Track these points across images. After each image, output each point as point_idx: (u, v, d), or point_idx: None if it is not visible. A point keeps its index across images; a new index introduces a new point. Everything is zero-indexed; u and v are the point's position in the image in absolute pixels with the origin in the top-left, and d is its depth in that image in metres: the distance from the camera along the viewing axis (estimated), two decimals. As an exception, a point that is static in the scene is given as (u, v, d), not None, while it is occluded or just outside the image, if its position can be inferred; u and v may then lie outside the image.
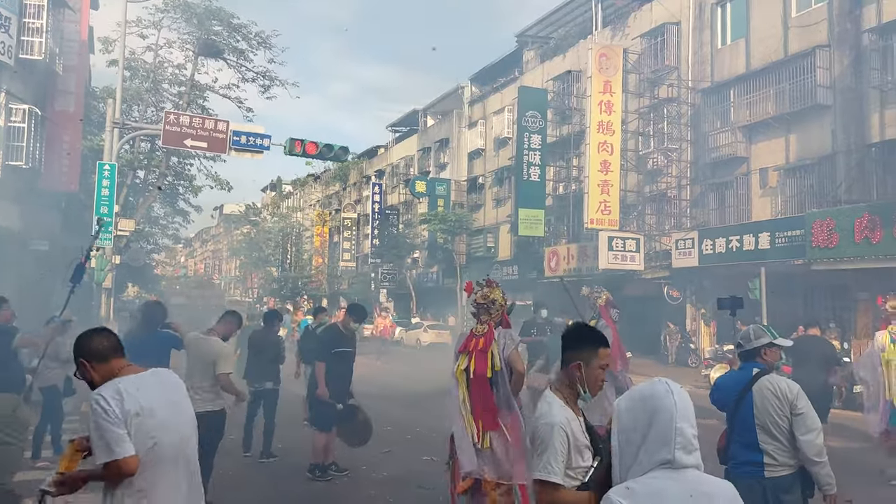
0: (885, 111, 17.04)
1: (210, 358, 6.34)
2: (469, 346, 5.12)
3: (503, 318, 5.26)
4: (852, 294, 17.18)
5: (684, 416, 2.00)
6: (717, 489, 1.99)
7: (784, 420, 3.83)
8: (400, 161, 44.59)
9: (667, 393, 2.02)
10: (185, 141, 18.00)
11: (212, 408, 6.17)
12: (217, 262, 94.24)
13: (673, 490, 1.90)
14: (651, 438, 1.98)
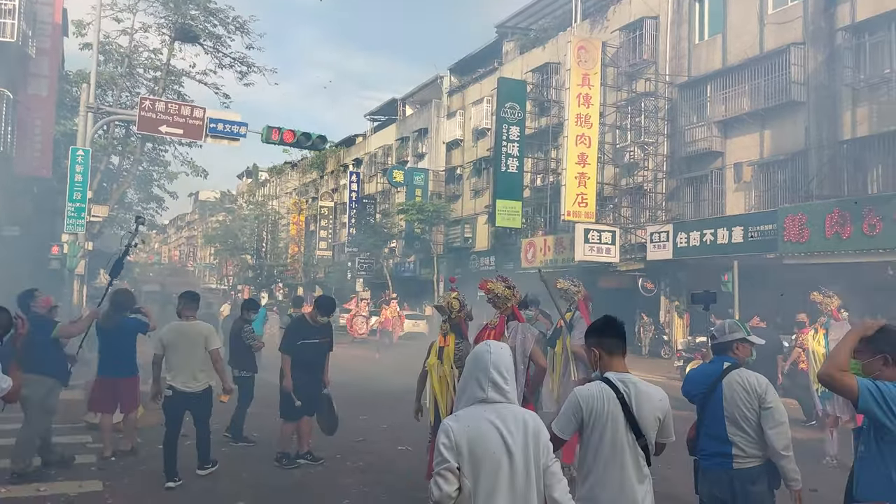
0: (856, 109, 17.34)
1: (201, 336, 7.00)
2: (483, 337, 5.23)
3: (514, 312, 5.39)
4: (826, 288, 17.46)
5: (496, 367, 2.79)
6: (522, 413, 2.80)
7: (752, 413, 3.91)
8: (378, 150, 44.42)
9: (486, 351, 2.84)
10: (160, 127, 17.77)
11: (206, 385, 7.02)
12: (192, 249, 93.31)
13: (485, 415, 2.72)
14: (473, 383, 2.81)
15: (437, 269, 32.93)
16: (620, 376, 3.34)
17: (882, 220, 14.87)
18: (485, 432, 2.68)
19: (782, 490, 4.07)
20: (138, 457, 7.93)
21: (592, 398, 3.26)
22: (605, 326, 3.49)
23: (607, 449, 3.25)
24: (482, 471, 2.66)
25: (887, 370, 2.95)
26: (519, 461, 2.70)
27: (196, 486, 6.92)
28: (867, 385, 2.81)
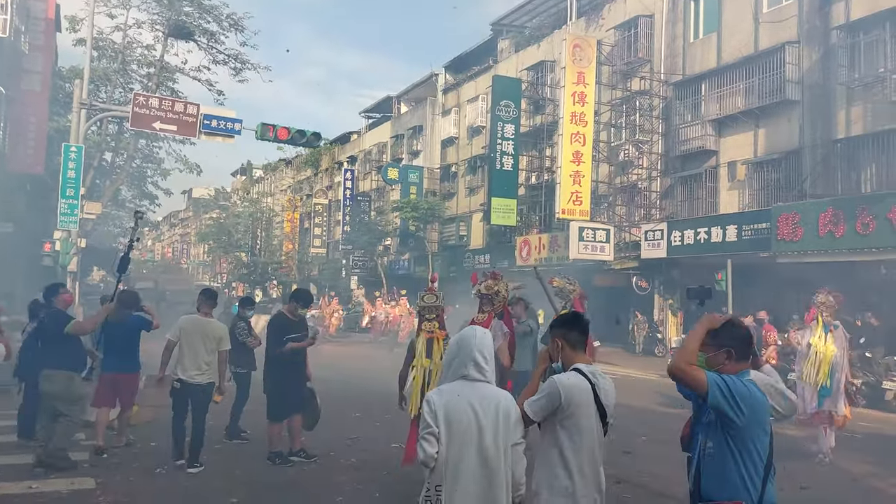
0: (850, 108, 17.38)
1: (216, 336, 7.53)
2: None
3: (504, 309, 5.53)
4: (815, 287, 17.52)
5: (479, 349, 3.23)
6: (497, 393, 3.28)
7: None
8: (373, 147, 44.35)
9: (472, 336, 3.28)
10: (153, 124, 17.71)
11: (210, 379, 7.47)
12: (185, 246, 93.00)
13: (466, 391, 3.18)
14: (457, 361, 3.25)
15: (432, 266, 32.90)
16: (590, 368, 3.49)
17: (875, 220, 14.91)
18: (461, 406, 3.15)
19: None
20: (130, 453, 7.91)
21: (572, 388, 3.37)
22: (574, 321, 3.65)
23: (585, 436, 3.40)
24: (454, 440, 3.12)
25: (730, 364, 2.98)
26: (488, 436, 3.13)
27: (189, 483, 6.90)
28: (715, 379, 2.80)
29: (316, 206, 48.67)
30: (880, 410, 12.57)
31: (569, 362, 3.52)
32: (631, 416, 10.98)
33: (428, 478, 3.20)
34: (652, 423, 10.71)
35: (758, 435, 2.84)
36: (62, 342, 7.03)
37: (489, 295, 5.42)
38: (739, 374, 2.96)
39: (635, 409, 11.98)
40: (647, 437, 9.47)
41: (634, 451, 8.47)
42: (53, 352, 6.94)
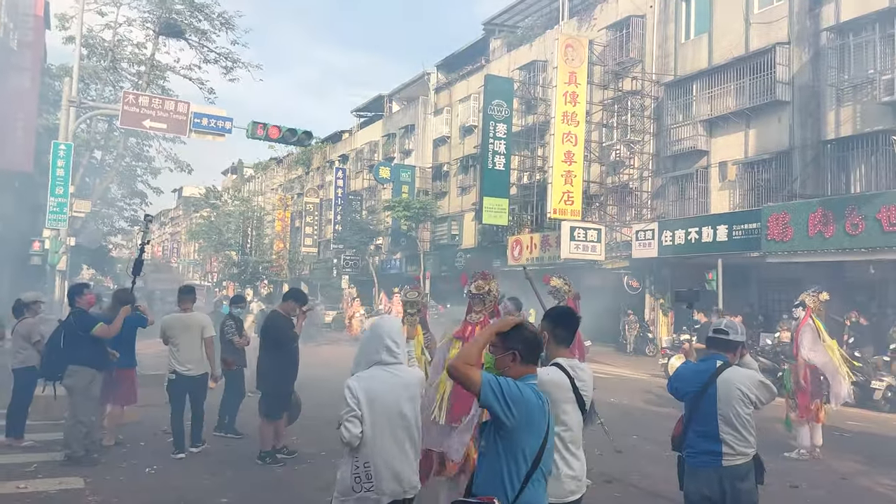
0: (840, 109, 17.47)
1: (199, 326, 7.91)
2: (465, 334, 5.35)
3: (495, 309, 5.54)
4: (805, 287, 17.59)
5: (389, 336, 3.64)
6: (409, 373, 3.72)
7: (746, 409, 3.98)
8: (364, 146, 44.27)
9: (380, 325, 3.68)
10: (143, 122, 17.62)
11: (204, 370, 7.95)
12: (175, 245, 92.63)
13: (382, 375, 3.58)
14: (371, 348, 3.64)
15: (424, 266, 32.88)
16: (569, 362, 3.64)
17: (864, 220, 14.99)
18: (378, 388, 3.55)
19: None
20: (119, 453, 7.87)
21: (549, 384, 3.47)
22: (564, 318, 3.76)
23: (566, 425, 3.56)
24: (377, 420, 3.50)
25: (515, 367, 3.03)
26: (407, 411, 3.58)
27: (179, 483, 6.86)
28: (489, 379, 2.85)
29: (307, 204, 48.54)
30: (869, 409, 12.63)
31: (551, 355, 3.67)
32: (622, 416, 11.01)
33: (353, 456, 3.52)
34: (643, 422, 10.73)
35: (526, 438, 2.88)
36: (88, 340, 7.32)
37: (480, 295, 5.41)
38: (524, 377, 3.01)
39: (626, 409, 12.01)
40: (639, 437, 9.48)
41: (626, 451, 8.48)
42: (79, 349, 7.28)
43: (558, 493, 3.49)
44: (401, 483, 3.58)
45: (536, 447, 2.91)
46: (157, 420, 9.05)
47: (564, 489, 3.53)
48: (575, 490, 3.59)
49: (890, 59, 16.30)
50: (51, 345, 7.59)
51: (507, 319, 3.25)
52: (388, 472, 3.52)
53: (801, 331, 8.71)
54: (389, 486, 3.53)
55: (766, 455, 4.34)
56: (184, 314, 8.07)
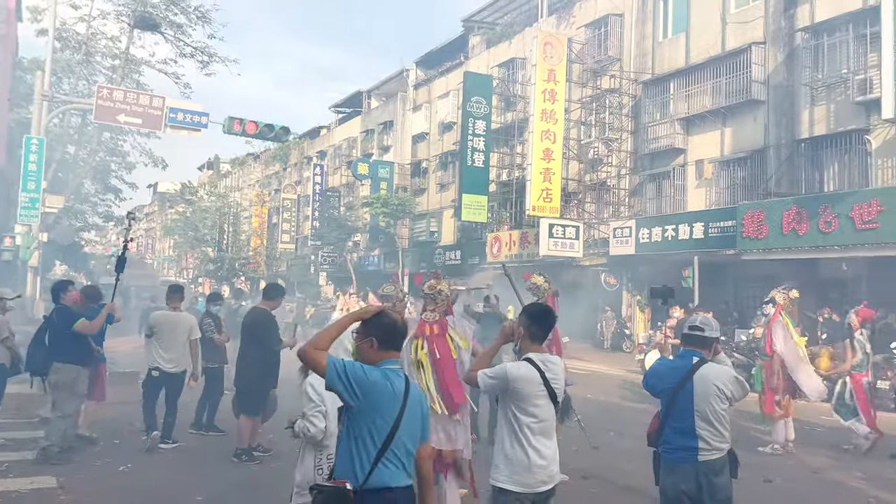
0: (814, 108, 17.71)
1: (186, 328, 8.16)
2: (425, 332, 5.43)
3: (448, 307, 5.65)
4: (779, 284, 17.83)
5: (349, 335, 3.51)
6: None
7: (722, 404, 4.02)
8: (342, 142, 44.06)
9: None
10: (118, 116, 17.40)
11: (184, 368, 8.14)
12: (150, 241, 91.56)
13: None
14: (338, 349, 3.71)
15: (402, 263, 32.82)
16: (541, 357, 3.77)
17: (837, 218, 15.21)
18: None
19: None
20: (93, 452, 7.76)
21: (519, 379, 3.67)
22: (541, 317, 3.89)
23: (536, 417, 3.69)
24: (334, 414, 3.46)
25: (372, 352, 3.14)
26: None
27: (154, 481, 6.79)
28: (334, 362, 2.97)
29: (284, 201, 48.23)
30: (841, 405, 12.80)
31: (524, 350, 3.82)
32: (599, 412, 11.07)
33: (317, 450, 3.85)
34: (620, 418, 10.80)
35: (373, 419, 2.98)
36: (71, 337, 7.39)
37: (432, 294, 5.54)
38: (382, 362, 3.11)
39: (603, 405, 12.08)
40: (615, 432, 9.54)
41: (602, 447, 8.52)
42: (64, 346, 7.36)
43: (529, 483, 3.66)
44: None
45: (386, 429, 2.99)
46: (131, 418, 8.95)
47: (535, 479, 3.68)
48: (546, 480, 3.71)
49: (863, 60, 16.54)
50: (36, 341, 7.65)
51: (369, 308, 3.41)
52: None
53: (771, 327, 8.86)
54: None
55: (740, 449, 4.39)
56: (172, 312, 8.34)
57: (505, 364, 3.78)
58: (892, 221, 14.21)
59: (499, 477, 3.71)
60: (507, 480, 3.68)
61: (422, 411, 3.19)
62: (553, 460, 3.75)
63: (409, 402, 3.08)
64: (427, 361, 5.34)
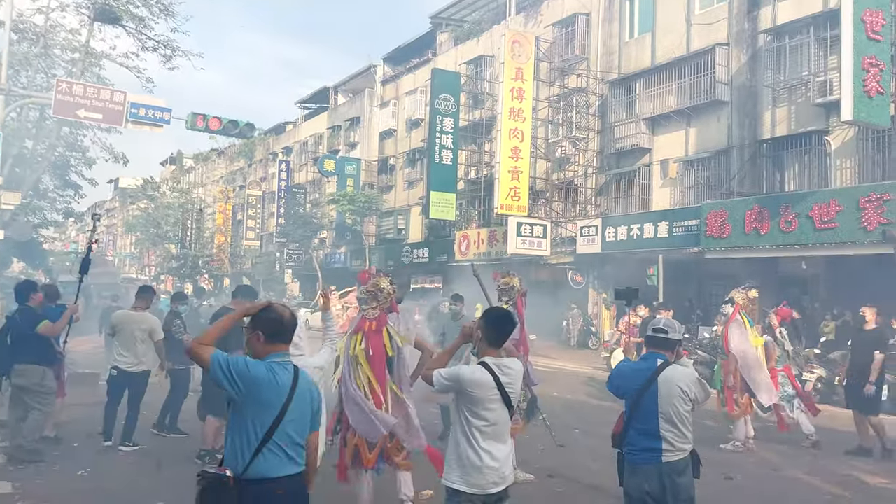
0: (776, 109, 18.02)
1: (147, 328, 8.14)
2: (364, 328, 5.65)
3: (392, 305, 5.82)
4: (741, 282, 18.13)
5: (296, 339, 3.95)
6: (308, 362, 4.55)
7: (685, 406, 4.05)
8: (309, 138, 43.71)
9: None
10: (77, 111, 16.97)
11: (145, 368, 8.16)
12: (111, 237, 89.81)
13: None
14: None
15: (369, 260, 32.67)
16: (496, 361, 3.81)
17: (797, 217, 15.51)
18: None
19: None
20: (51, 456, 7.56)
21: (472, 383, 3.72)
22: (500, 322, 3.92)
23: (489, 421, 3.74)
24: None
25: (259, 346, 3.24)
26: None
27: (114, 484, 6.65)
28: (217, 357, 3.08)
29: (249, 197, 47.72)
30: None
31: (481, 354, 3.88)
32: (565, 410, 11.14)
33: None
34: (586, 416, 10.88)
35: (256, 411, 3.09)
36: (34, 338, 7.34)
37: (374, 292, 5.76)
38: (269, 355, 3.22)
39: (569, 402, 12.16)
40: (581, 431, 9.61)
41: (568, 445, 8.57)
42: (26, 347, 7.31)
43: (480, 484, 3.71)
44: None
45: (268, 421, 3.10)
46: (92, 420, 8.77)
47: (486, 480, 3.72)
48: (498, 482, 3.75)
49: (823, 62, 16.88)
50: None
51: (256, 303, 3.57)
52: None
53: (729, 326, 9.02)
54: None
55: (701, 447, 4.44)
56: (134, 312, 8.36)
57: (460, 367, 3.84)
58: (849, 221, 14.54)
59: (451, 477, 3.78)
60: (459, 481, 3.74)
61: (311, 403, 3.32)
62: (505, 463, 3.79)
63: (297, 394, 3.19)
64: (363, 357, 5.56)
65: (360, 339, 5.59)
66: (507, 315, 4.10)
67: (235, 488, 3.03)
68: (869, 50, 13.90)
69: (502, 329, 3.91)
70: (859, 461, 8.40)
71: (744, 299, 9.13)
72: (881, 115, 14.07)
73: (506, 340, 3.93)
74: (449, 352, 4.15)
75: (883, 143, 15.80)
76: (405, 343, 5.65)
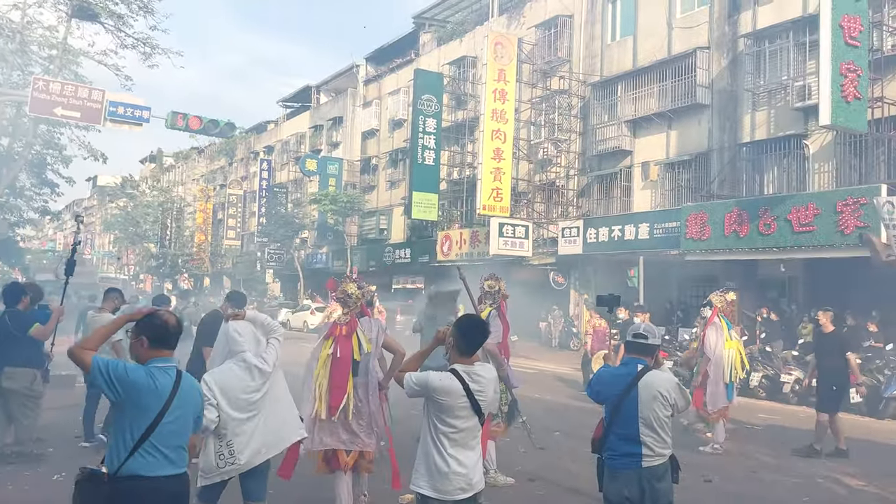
0: (755, 113, 18.19)
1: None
2: (335, 333, 5.75)
3: (362, 309, 5.94)
4: (720, 284, 18.30)
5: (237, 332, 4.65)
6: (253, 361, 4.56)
7: (665, 411, 4.07)
8: (291, 137, 43.48)
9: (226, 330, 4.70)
10: (55, 109, 16.75)
11: None
12: (90, 236, 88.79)
13: (231, 366, 4.54)
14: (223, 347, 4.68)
15: (351, 260, 32.56)
16: (466, 369, 3.81)
17: (776, 220, 15.65)
18: (232, 380, 4.48)
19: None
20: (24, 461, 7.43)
21: (440, 390, 3.73)
22: (472, 332, 3.92)
23: (457, 428, 3.75)
24: (232, 405, 4.38)
25: (144, 351, 3.39)
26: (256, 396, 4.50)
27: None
28: (98, 361, 3.22)
29: (230, 196, 47.39)
30: (779, 402, 13.21)
31: (451, 361, 3.87)
32: (545, 412, 11.14)
33: (216, 437, 4.35)
34: (566, 418, 10.89)
35: (133, 414, 3.24)
36: (23, 342, 7.36)
37: (343, 298, 5.91)
38: (151, 360, 3.36)
39: (550, 404, 12.17)
40: (562, 433, 9.62)
41: (548, 447, 8.57)
42: (16, 350, 7.33)
43: (447, 490, 3.73)
44: (258, 454, 4.51)
45: (145, 424, 3.24)
46: (69, 424, 8.68)
47: (453, 486, 3.74)
48: (465, 488, 3.77)
49: (802, 67, 17.05)
50: None
51: (142, 308, 3.77)
52: (247, 447, 4.43)
53: (707, 329, 9.10)
54: (248, 458, 4.46)
55: (680, 450, 4.45)
56: (97, 314, 8.55)
57: (429, 373, 3.83)
58: (827, 225, 14.70)
59: (419, 482, 3.80)
60: (427, 486, 3.77)
61: (195, 407, 3.50)
62: (474, 469, 3.80)
63: (178, 398, 3.32)
64: (329, 362, 5.62)
65: (331, 343, 5.66)
66: (479, 324, 4.09)
67: (109, 484, 3.20)
68: (847, 55, 14.06)
69: (473, 338, 3.90)
70: (836, 463, 8.48)
71: (721, 302, 9.21)
72: (858, 119, 14.23)
73: (477, 349, 3.91)
74: (422, 354, 4.17)
75: (860, 148, 16.00)
76: (369, 349, 5.70)
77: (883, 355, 12.89)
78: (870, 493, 7.37)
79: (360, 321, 5.86)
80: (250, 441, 4.44)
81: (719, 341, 8.97)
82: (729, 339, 9.05)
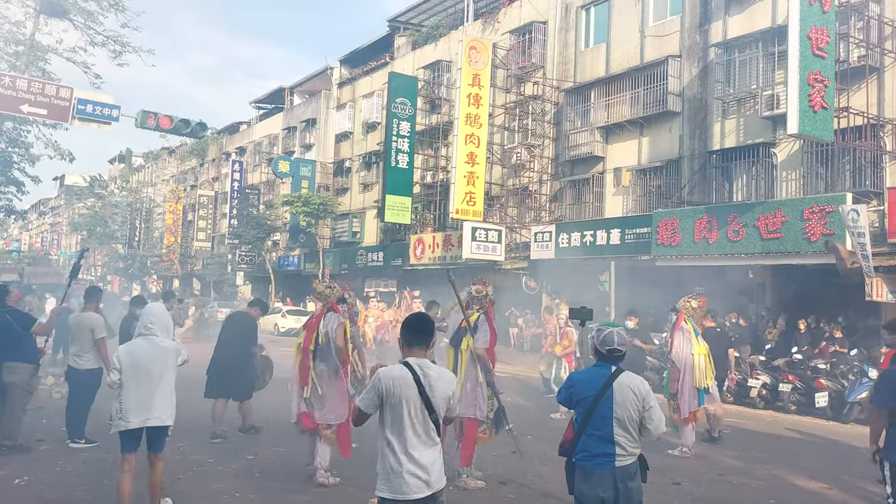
0: (725, 121, 18.46)
1: (88, 327, 8.37)
2: (311, 324, 7.14)
3: (332, 305, 7.12)
4: (690, 289, 18.49)
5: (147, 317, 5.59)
6: (165, 343, 5.57)
7: (637, 413, 4.12)
8: (263, 139, 43.14)
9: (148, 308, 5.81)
10: (21, 106, 16.39)
11: (95, 365, 8.37)
12: (56, 236, 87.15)
13: (143, 343, 5.51)
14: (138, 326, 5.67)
15: (323, 263, 32.38)
16: (418, 361, 3.86)
17: (745, 227, 15.90)
18: (137, 352, 5.48)
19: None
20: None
21: (392, 379, 3.75)
22: (413, 324, 4.01)
23: (406, 422, 3.74)
24: (129, 373, 5.39)
25: None
26: (155, 367, 5.46)
27: (52, 495, 6.39)
28: None
29: (201, 197, 46.85)
30: (746, 406, 13.39)
31: (404, 356, 3.94)
32: (518, 416, 11.15)
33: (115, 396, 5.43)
34: (538, 422, 10.94)
35: None
36: (23, 338, 7.99)
37: (319, 293, 7.25)
38: None
39: (522, 408, 12.21)
40: (533, 436, 9.63)
41: (520, 451, 8.57)
42: (16, 346, 7.91)
43: (402, 490, 3.70)
44: (146, 416, 5.41)
45: None
46: (34, 426, 8.54)
47: (409, 486, 3.71)
48: (422, 487, 3.74)
49: (771, 76, 17.35)
50: None
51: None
52: (135, 409, 5.37)
53: (674, 334, 9.22)
54: (135, 417, 5.38)
55: (649, 452, 4.48)
56: (80, 314, 8.74)
57: (378, 371, 3.84)
58: (794, 232, 14.96)
59: (379, 485, 3.79)
60: (384, 488, 3.76)
61: None
62: (431, 468, 3.76)
63: None
64: (298, 350, 7.19)
65: (303, 335, 7.17)
66: (421, 316, 4.24)
67: None
68: (814, 66, 14.34)
69: (415, 328, 3.96)
70: (808, 463, 8.62)
71: (686, 307, 9.33)
72: (825, 129, 14.51)
73: (424, 339, 3.94)
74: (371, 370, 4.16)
75: (826, 157, 16.31)
76: (323, 341, 6.96)
77: (847, 360, 13.14)
78: (833, 496, 7.50)
79: (327, 315, 6.99)
80: (140, 405, 5.40)
81: (685, 346, 9.10)
82: (698, 345, 9.16)
